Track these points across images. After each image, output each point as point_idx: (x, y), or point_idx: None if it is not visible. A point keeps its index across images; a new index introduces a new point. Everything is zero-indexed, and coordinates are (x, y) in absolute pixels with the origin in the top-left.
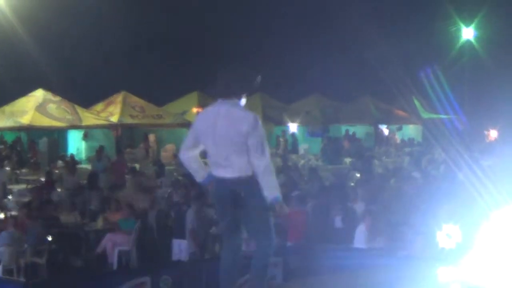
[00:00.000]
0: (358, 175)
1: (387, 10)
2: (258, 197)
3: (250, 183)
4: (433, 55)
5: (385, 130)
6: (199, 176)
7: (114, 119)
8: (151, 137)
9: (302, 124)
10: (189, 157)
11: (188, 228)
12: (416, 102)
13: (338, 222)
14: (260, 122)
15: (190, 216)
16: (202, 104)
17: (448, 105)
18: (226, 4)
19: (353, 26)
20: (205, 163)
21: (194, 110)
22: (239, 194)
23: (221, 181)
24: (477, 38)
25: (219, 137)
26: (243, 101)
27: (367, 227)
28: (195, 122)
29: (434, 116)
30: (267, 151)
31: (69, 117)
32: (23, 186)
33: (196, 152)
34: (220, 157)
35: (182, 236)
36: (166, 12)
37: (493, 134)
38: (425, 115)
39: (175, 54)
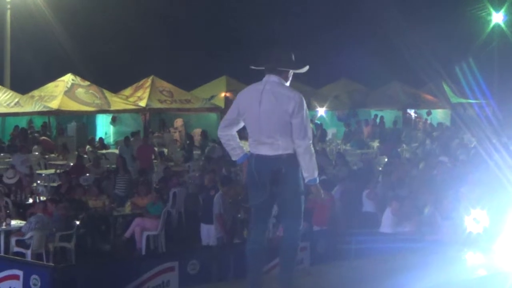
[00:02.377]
0: (386, 159)
1: None
2: (296, 176)
3: (291, 161)
4: (462, 39)
5: (413, 114)
6: (235, 154)
7: (143, 103)
8: (179, 122)
9: (330, 109)
10: (227, 134)
11: (215, 213)
12: (446, 87)
13: (367, 206)
14: (305, 102)
15: (217, 201)
16: (231, 89)
17: (478, 90)
18: None
19: (382, 10)
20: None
21: (222, 94)
22: (280, 171)
23: (262, 159)
24: (507, 22)
25: (264, 114)
26: (288, 81)
27: (394, 211)
28: (238, 99)
29: (464, 100)
30: (310, 132)
31: (97, 101)
32: (51, 170)
33: (235, 129)
34: (264, 135)
35: (209, 221)
36: None
37: None
38: (454, 99)
39: (203, 39)
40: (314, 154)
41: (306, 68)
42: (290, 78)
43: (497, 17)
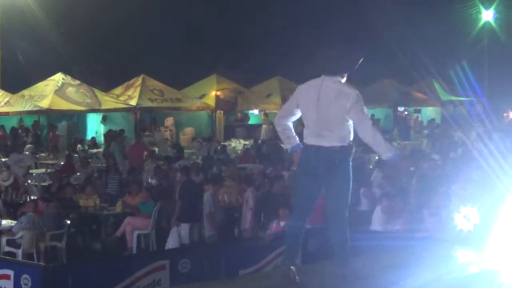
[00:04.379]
0: (376, 157)
1: None
2: (348, 167)
3: (345, 153)
4: (452, 37)
5: (404, 112)
6: (290, 142)
7: (133, 102)
8: (170, 120)
9: None
10: (284, 124)
11: (205, 211)
12: (436, 84)
13: (364, 205)
14: (361, 97)
15: (207, 199)
16: (221, 88)
17: (468, 88)
18: None
19: (373, 8)
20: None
21: (213, 93)
22: (334, 162)
23: (317, 150)
24: (496, 20)
25: (323, 109)
26: (344, 77)
27: (384, 209)
28: (297, 93)
29: (454, 98)
30: (370, 123)
31: (88, 100)
32: (42, 170)
33: (291, 120)
34: (320, 127)
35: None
36: None
37: None
38: (445, 97)
39: (194, 37)
40: (381, 137)
41: (361, 59)
42: (346, 75)
43: (487, 15)
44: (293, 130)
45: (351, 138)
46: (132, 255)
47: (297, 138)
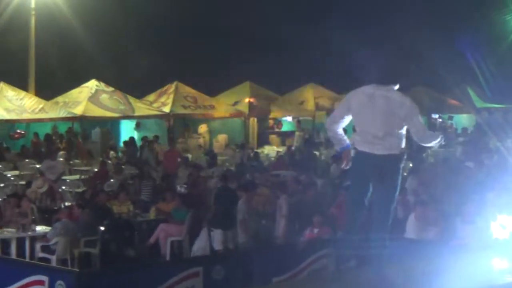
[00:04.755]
0: (410, 165)
1: None
2: (397, 176)
3: (395, 161)
4: (488, 43)
5: (438, 119)
6: (341, 144)
7: (167, 109)
8: (203, 127)
9: None
10: (335, 129)
11: (239, 219)
12: (471, 92)
13: (398, 212)
14: (415, 104)
15: (241, 206)
16: (254, 94)
17: (503, 94)
18: None
19: (405, 15)
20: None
21: (246, 100)
22: (384, 169)
23: (368, 156)
24: None
25: (378, 117)
26: (397, 85)
27: (417, 217)
28: (349, 100)
29: (489, 105)
30: (425, 130)
31: (121, 107)
32: (76, 176)
33: (342, 126)
34: (373, 135)
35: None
36: (219, 1)
37: None
38: (480, 104)
39: (227, 44)
40: (435, 139)
41: (412, 68)
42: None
43: None
44: (343, 134)
45: (403, 145)
46: (165, 262)
47: (348, 141)
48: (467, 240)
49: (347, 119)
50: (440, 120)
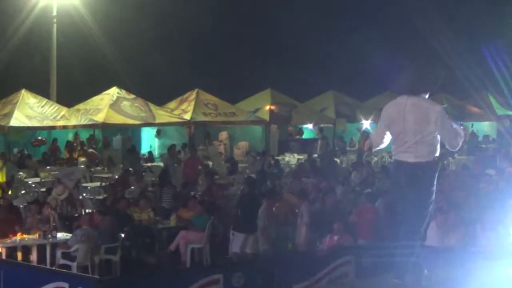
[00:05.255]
0: None
1: (460, 4)
2: (431, 183)
3: (428, 168)
4: (508, 49)
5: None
6: None
7: (187, 116)
8: (224, 135)
9: (375, 122)
10: (383, 145)
11: (260, 225)
12: (491, 98)
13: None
14: (445, 111)
15: (262, 213)
16: (275, 102)
17: None
18: (300, 1)
19: (425, 21)
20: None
21: (267, 107)
22: (416, 176)
23: (402, 165)
24: None
25: (408, 127)
26: (428, 93)
27: (438, 224)
28: (384, 114)
29: (510, 112)
30: (456, 136)
31: (142, 114)
32: (97, 183)
33: (386, 141)
34: (405, 144)
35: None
36: (239, 9)
37: None
38: (501, 111)
39: (248, 51)
40: (460, 135)
41: (443, 76)
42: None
43: None
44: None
45: (437, 153)
46: (185, 269)
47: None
48: (488, 247)
49: (389, 135)
50: (462, 127)
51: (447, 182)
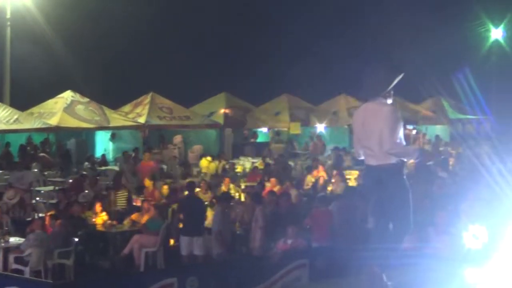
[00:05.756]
0: None
1: (416, 10)
2: (399, 183)
3: (392, 170)
4: (461, 55)
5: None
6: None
7: (142, 120)
8: (178, 138)
9: (329, 125)
10: (358, 149)
11: (214, 230)
12: (444, 103)
13: (372, 222)
14: (396, 113)
15: (216, 217)
16: (230, 105)
17: (477, 106)
18: (252, 4)
19: (381, 25)
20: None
21: (222, 111)
22: (381, 179)
23: (369, 168)
24: (505, 38)
25: (368, 131)
26: (389, 100)
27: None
28: (352, 121)
29: (462, 116)
30: (392, 142)
31: (97, 118)
32: (50, 187)
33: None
34: (369, 148)
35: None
36: (194, 12)
37: None
38: (453, 115)
39: (203, 55)
40: (402, 150)
41: (401, 76)
42: (391, 94)
43: (496, 33)
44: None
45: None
46: (140, 273)
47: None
48: (441, 250)
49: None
50: (415, 131)
51: None
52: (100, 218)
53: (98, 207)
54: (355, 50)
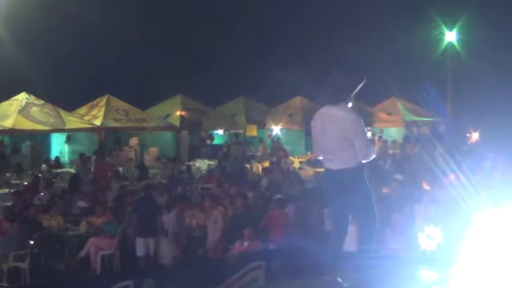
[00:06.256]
0: None
1: (371, 12)
2: (361, 185)
3: (353, 174)
4: (416, 58)
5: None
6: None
7: (98, 122)
8: (134, 140)
9: (285, 127)
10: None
11: (170, 232)
12: (399, 105)
13: (328, 224)
14: (360, 120)
15: (172, 219)
16: (186, 108)
17: (431, 108)
18: (208, 6)
19: (336, 28)
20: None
21: (178, 113)
22: (343, 183)
23: (329, 172)
24: (459, 41)
25: (328, 136)
26: (349, 104)
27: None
28: (311, 125)
29: (417, 118)
30: (367, 147)
31: (52, 120)
32: (5, 190)
33: None
34: (328, 152)
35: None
36: (149, 14)
37: (475, 136)
38: (408, 117)
39: (159, 57)
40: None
41: (363, 82)
42: (352, 98)
43: (450, 36)
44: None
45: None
46: (96, 276)
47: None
48: (397, 251)
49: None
50: (371, 133)
51: None
52: (56, 221)
53: (53, 209)
54: (308, 55)
